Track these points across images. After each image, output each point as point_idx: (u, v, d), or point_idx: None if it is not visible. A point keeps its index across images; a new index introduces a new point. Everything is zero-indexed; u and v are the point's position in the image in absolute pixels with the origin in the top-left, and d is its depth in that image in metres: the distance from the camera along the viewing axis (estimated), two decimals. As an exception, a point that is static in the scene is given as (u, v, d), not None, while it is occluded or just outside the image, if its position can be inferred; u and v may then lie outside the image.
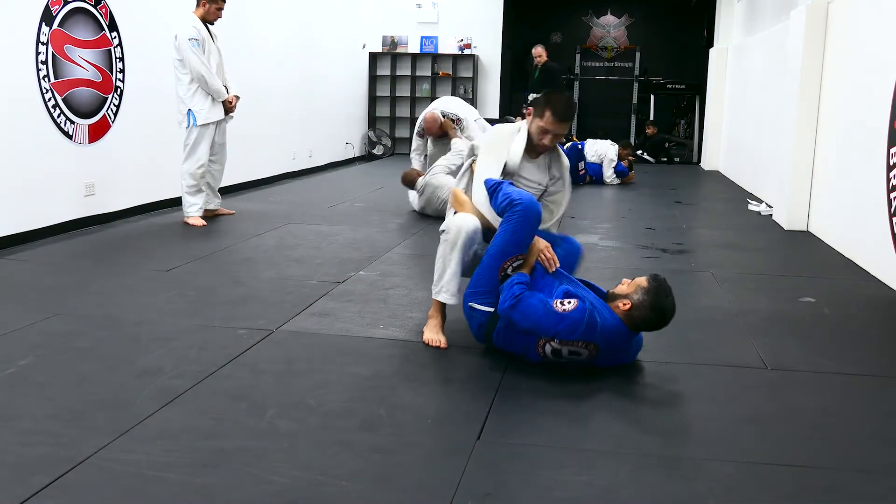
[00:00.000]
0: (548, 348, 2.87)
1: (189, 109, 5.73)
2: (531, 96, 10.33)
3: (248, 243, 5.23)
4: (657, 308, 2.89)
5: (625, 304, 2.90)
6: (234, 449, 2.27)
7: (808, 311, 3.87)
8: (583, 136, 10.83)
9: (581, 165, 9.00)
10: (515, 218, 2.99)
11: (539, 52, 10.49)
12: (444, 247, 3.19)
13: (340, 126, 11.32)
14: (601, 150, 9.17)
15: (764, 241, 5.81)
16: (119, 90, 5.94)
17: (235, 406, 2.59)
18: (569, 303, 2.85)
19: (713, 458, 2.29)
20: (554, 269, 3.08)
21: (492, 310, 3.01)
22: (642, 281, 2.95)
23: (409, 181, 6.73)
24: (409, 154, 7.06)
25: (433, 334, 3.22)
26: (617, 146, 9.16)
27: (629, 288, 2.95)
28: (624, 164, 9.16)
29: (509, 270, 3.03)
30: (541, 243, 3.10)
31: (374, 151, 12.24)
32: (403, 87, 12.62)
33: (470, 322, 3.14)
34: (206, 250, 4.98)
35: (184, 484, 2.06)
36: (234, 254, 4.94)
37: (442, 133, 6.82)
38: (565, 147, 9.28)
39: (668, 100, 13.32)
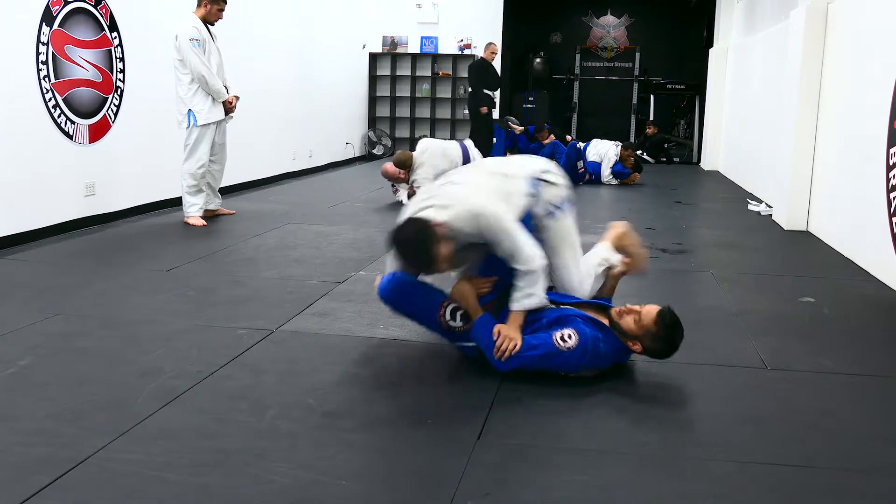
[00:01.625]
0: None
1: (189, 109, 5.73)
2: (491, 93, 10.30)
3: (248, 243, 5.23)
4: (670, 347, 2.86)
5: (634, 345, 2.86)
6: (234, 449, 2.27)
7: (808, 311, 3.87)
8: (583, 137, 10.82)
9: (580, 165, 8.98)
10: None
11: (494, 49, 10.22)
12: None
13: (340, 126, 11.32)
14: (602, 151, 9.15)
15: (764, 241, 5.81)
16: (119, 90, 5.94)
17: (235, 406, 2.59)
18: (569, 337, 2.76)
19: (713, 458, 2.29)
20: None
21: (473, 344, 2.93)
22: (650, 324, 2.79)
23: (404, 160, 6.74)
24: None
25: None
26: (619, 147, 9.11)
27: (637, 328, 2.82)
28: (626, 165, 9.08)
29: (447, 316, 2.91)
30: (468, 285, 2.90)
31: (375, 151, 12.24)
32: (403, 87, 12.62)
33: (462, 351, 3.08)
34: (206, 250, 4.98)
35: (184, 484, 2.06)
36: (234, 254, 4.94)
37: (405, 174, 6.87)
38: (566, 147, 9.27)
39: (668, 100, 13.33)
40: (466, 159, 6.77)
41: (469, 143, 7.10)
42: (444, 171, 6.67)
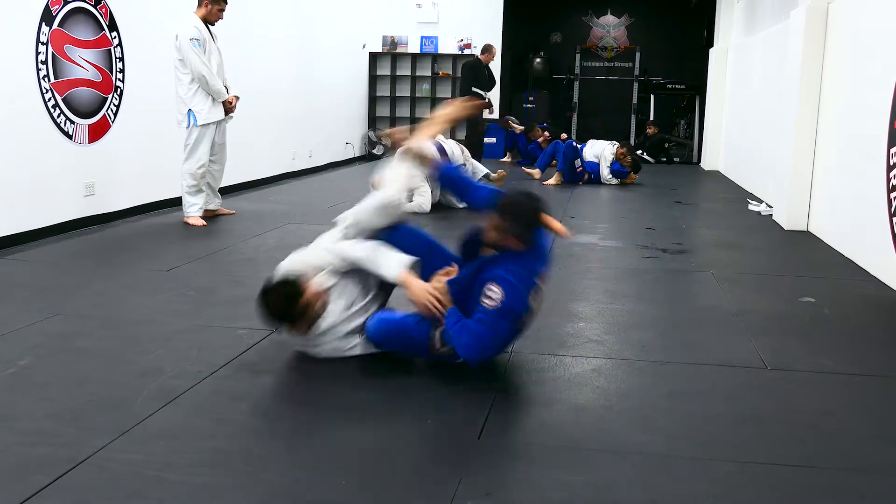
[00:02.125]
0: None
1: (189, 109, 5.73)
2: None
3: (248, 243, 5.23)
4: (523, 214, 2.78)
5: (514, 244, 2.79)
6: (234, 449, 2.27)
7: (808, 311, 3.87)
8: (583, 137, 10.81)
9: (577, 163, 8.96)
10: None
11: (494, 53, 10.28)
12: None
13: (340, 126, 11.33)
14: (598, 150, 9.10)
15: (764, 241, 5.81)
16: (119, 90, 5.94)
17: (235, 406, 2.59)
18: (492, 292, 2.70)
19: (713, 458, 2.29)
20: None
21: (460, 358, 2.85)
22: (498, 218, 2.79)
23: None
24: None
25: None
26: (615, 146, 9.07)
27: (499, 232, 2.79)
28: (624, 163, 9.02)
29: (437, 344, 2.85)
30: (423, 291, 2.86)
31: (374, 151, 12.24)
32: (403, 87, 12.63)
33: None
34: (206, 250, 4.98)
35: (184, 484, 2.06)
36: (234, 254, 4.94)
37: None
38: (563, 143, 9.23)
39: (668, 100, 13.31)
40: (442, 153, 6.76)
41: (442, 139, 7.08)
42: None
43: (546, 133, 10.52)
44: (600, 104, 13.86)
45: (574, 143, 9.16)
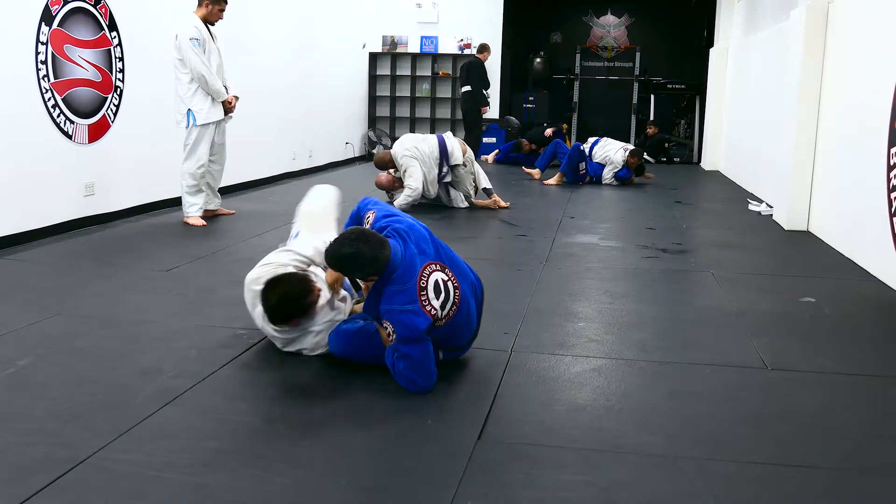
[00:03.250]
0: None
1: (189, 109, 5.72)
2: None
3: (248, 243, 5.23)
4: (349, 265, 2.74)
5: (370, 278, 2.79)
6: (234, 449, 2.28)
7: (808, 311, 3.87)
8: (583, 136, 10.79)
9: (582, 166, 8.93)
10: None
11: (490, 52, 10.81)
12: None
13: (340, 126, 11.32)
14: (610, 154, 8.97)
15: (764, 241, 5.81)
16: (119, 90, 5.94)
17: (235, 406, 2.59)
18: (387, 328, 2.71)
19: (713, 458, 2.29)
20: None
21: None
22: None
23: (383, 158, 6.81)
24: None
25: None
26: (626, 154, 8.91)
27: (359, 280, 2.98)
28: (630, 168, 8.93)
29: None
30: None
31: (374, 151, 12.21)
32: (403, 87, 12.63)
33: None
34: (206, 250, 4.98)
35: (184, 484, 2.06)
36: (234, 254, 4.94)
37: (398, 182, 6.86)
38: (569, 147, 9.21)
39: (668, 100, 13.30)
40: (443, 149, 6.72)
41: (448, 135, 7.05)
42: (434, 158, 6.66)
43: (532, 146, 10.56)
44: (600, 104, 13.86)
45: (581, 147, 9.07)
